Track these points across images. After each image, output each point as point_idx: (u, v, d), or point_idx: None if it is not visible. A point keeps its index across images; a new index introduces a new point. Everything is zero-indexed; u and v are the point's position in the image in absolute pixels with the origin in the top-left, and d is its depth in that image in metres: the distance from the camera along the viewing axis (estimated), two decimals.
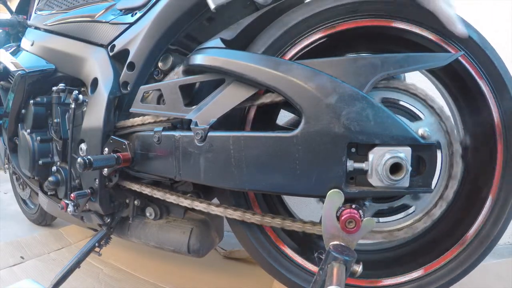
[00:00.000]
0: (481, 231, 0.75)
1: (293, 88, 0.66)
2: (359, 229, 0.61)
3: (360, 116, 0.62)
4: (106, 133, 0.88)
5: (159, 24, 0.87)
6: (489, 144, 0.74)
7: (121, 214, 0.98)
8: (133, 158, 0.85)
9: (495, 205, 0.74)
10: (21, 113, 1.16)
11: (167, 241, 0.91)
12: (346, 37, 0.77)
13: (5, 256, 1.28)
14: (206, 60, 0.74)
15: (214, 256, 1.32)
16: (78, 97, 0.94)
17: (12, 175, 1.69)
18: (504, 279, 1.11)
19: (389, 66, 0.65)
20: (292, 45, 0.76)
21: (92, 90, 0.95)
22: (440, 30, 0.71)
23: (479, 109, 0.74)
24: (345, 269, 0.56)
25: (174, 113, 0.79)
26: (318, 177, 0.65)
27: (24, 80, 1.11)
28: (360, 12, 0.73)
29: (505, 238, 1.44)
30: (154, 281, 1.14)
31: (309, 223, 0.74)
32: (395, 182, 0.62)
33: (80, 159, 0.76)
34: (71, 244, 1.43)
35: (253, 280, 1.14)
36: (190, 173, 0.76)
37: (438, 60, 0.67)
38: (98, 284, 1.11)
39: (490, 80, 0.72)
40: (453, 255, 0.76)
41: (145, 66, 0.88)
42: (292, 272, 0.81)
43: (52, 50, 1.13)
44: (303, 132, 0.65)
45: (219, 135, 0.72)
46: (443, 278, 0.76)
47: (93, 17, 1.03)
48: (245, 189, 0.76)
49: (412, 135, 0.63)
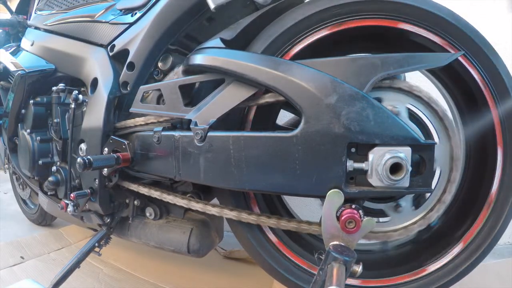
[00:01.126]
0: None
1: (293, 88, 0.66)
2: (359, 229, 0.61)
3: (360, 116, 0.62)
4: (106, 133, 0.88)
5: (159, 24, 0.87)
6: (488, 145, 0.74)
7: (121, 214, 0.98)
8: (133, 158, 0.85)
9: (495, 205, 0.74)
10: (21, 113, 1.16)
11: (167, 241, 0.91)
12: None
13: (5, 256, 1.28)
14: (206, 60, 0.74)
15: (214, 256, 1.32)
16: (78, 97, 0.94)
17: (12, 175, 1.69)
18: (504, 279, 1.11)
19: (389, 66, 0.65)
20: (296, 42, 0.76)
21: (92, 90, 0.95)
22: (443, 32, 0.71)
23: (479, 110, 0.74)
24: (345, 269, 0.56)
25: (174, 113, 0.79)
26: (318, 177, 0.65)
27: (24, 80, 1.11)
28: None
29: (505, 238, 1.44)
30: (154, 281, 1.14)
31: (304, 222, 0.74)
32: (395, 182, 0.62)
33: (80, 159, 0.76)
34: (71, 244, 1.43)
35: (253, 280, 1.14)
36: (190, 173, 0.76)
37: (438, 60, 0.67)
38: (98, 284, 1.11)
39: (491, 80, 0.72)
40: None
41: (145, 66, 0.88)
42: (292, 272, 0.81)
43: (52, 50, 1.13)
44: (303, 132, 0.65)
45: (219, 135, 0.71)
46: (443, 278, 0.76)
47: (93, 17, 1.03)
48: (245, 189, 0.76)
49: (412, 135, 0.63)
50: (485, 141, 0.76)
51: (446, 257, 0.77)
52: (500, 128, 0.72)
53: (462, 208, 0.81)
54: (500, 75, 0.71)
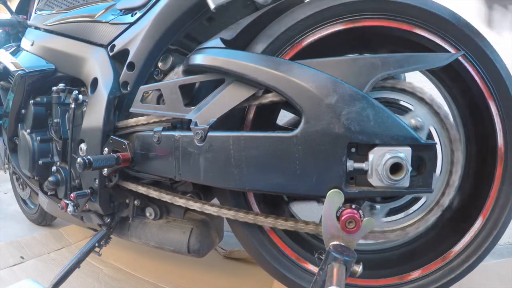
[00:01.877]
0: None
1: (293, 88, 0.66)
2: (359, 229, 0.61)
3: (360, 116, 0.62)
4: (106, 133, 0.88)
5: (159, 24, 0.87)
6: (489, 145, 0.74)
7: (121, 214, 0.98)
8: (133, 158, 0.85)
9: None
10: (21, 113, 1.16)
11: (167, 241, 0.91)
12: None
13: (5, 256, 1.28)
14: (206, 60, 0.74)
15: (214, 256, 1.32)
16: (78, 97, 0.94)
17: (12, 175, 1.69)
18: (504, 279, 1.11)
19: (389, 66, 0.65)
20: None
21: (92, 90, 0.95)
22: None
23: (480, 110, 0.74)
24: (345, 269, 0.56)
25: (174, 113, 0.79)
26: (318, 177, 0.65)
27: (24, 80, 1.11)
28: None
29: (505, 238, 1.44)
30: (154, 281, 1.14)
31: (301, 222, 0.74)
32: (395, 182, 0.62)
33: (80, 159, 0.75)
34: (71, 244, 1.43)
35: (253, 280, 1.14)
36: (190, 173, 0.76)
37: (438, 60, 0.67)
38: (98, 284, 1.11)
39: (491, 80, 0.72)
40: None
41: (145, 66, 0.88)
42: (292, 272, 0.81)
43: (52, 50, 1.13)
44: (303, 132, 0.65)
45: (219, 135, 0.71)
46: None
47: (93, 17, 1.03)
48: (245, 189, 0.76)
49: (412, 135, 0.63)
50: (485, 144, 0.76)
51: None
52: (501, 129, 0.72)
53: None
54: (500, 75, 0.71)
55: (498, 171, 0.73)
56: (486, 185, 0.75)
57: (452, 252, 0.77)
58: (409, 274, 0.78)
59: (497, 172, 0.73)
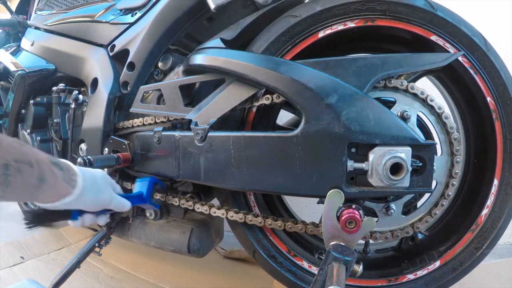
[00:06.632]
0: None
1: (293, 88, 0.66)
2: (359, 229, 0.61)
3: (360, 116, 0.62)
4: (106, 133, 0.88)
5: (159, 24, 0.87)
6: (489, 145, 0.74)
7: (121, 214, 0.98)
8: (133, 158, 0.85)
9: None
10: (21, 113, 1.16)
11: (167, 241, 0.91)
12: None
13: (5, 256, 1.28)
14: (206, 60, 0.74)
15: (214, 256, 1.32)
16: (78, 97, 0.94)
17: None
18: (504, 279, 1.11)
19: (389, 66, 0.65)
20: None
21: (92, 90, 0.95)
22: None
23: (480, 110, 0.74)
24: (345, 269, 0.56)
25: (174, 113, 0.79)
26: (319, 177, 0.65)
27: (24, 80, 1.11)
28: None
29: (505, 238, 1.44)
30: (154, 281, 1.13)
31: (300, 222, 0.75)
32: (395, 182, 0.62)
33: (80, 159, 0.76)
34: (71, 244, 1.43)
35: (253, 280, 1.14)
36: (190, 173, 0.76)
37: (438, 60, 0.67)
38: (98, 284, 1.11)
39: (491, 80, 0.72)
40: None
41: (145, 66, 0.88)
42: (292, 272, 0.81)
43: (52, 50, 1.13)
44: (303, 132, 0.65)
45: (219, 135, 0.71)
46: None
47: (93, 17, 1.03)
48: (245, 189, 0.76)
49: (412, 135, 0.63)
50: (485, 144, 0.75)
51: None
52: (501, 130, 0.72)
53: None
54: (500, 75, 0.71)
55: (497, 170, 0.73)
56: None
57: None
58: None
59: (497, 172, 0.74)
